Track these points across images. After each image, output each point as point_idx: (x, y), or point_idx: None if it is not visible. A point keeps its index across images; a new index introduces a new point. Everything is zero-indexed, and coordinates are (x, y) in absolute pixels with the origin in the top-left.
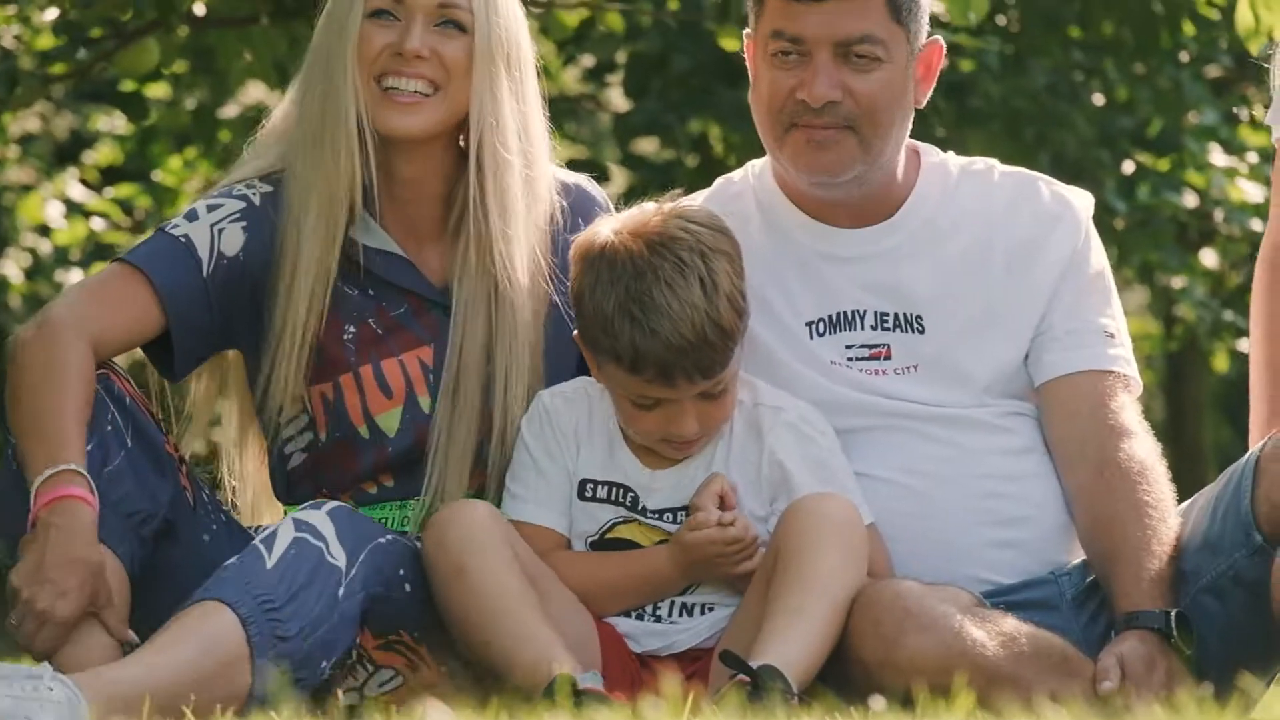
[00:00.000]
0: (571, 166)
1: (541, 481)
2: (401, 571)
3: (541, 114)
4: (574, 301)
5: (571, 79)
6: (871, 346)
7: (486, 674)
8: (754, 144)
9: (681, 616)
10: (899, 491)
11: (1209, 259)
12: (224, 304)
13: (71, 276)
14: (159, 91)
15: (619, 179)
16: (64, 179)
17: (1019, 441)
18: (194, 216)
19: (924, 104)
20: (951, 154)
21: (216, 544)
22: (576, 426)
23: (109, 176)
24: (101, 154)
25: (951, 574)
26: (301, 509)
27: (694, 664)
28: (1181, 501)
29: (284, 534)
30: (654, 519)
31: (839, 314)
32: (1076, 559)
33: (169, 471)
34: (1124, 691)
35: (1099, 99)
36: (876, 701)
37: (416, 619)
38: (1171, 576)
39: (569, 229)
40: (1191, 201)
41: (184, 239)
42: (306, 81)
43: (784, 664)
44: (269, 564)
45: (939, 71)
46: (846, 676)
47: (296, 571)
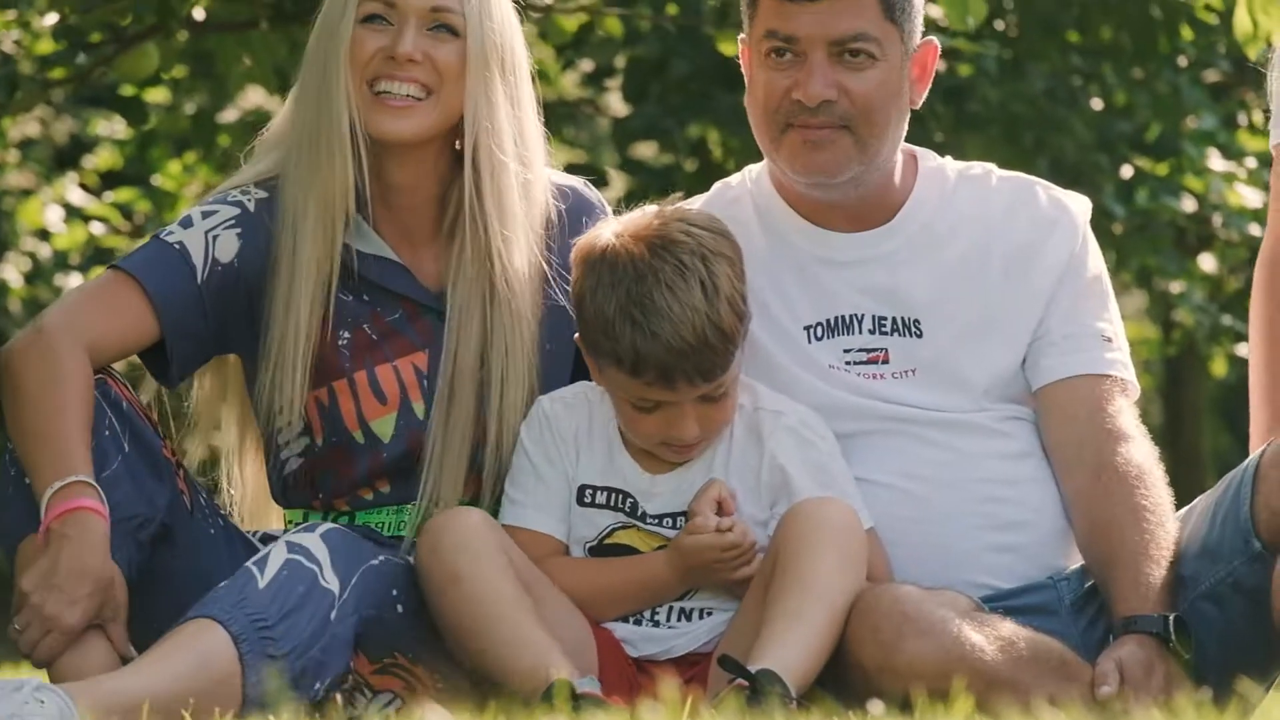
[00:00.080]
0: (570, 171)
1: (540, 487)
2: (394, 592)
3: (536, 117)
4: (575, 304)
5: (570, 83)
6: (869, 350)
7: (483, 682)
8: (752, 148)
9: (680, 621)
10: (898, 496)
11: (1207, 263)
12: (219, 310)
13: (71, 281)
14: (158, 96)
15: (617, 183)
16: (64, 183)
17: (1017, 446)
18: (189, 223)
19: (920, 105)
20: (949, 159)
21: (214, 549)
22: (576, 432)
23: (108, 181)
24: (101, 158)
25: (950, 578)
26: (294, 531)
27: (692, 668)
28: (1179, 506)
29: (276, 556)
30: (653, 524)
31: (837, 318)
32: (1075, 564)
33: (166, 476)
34: (1122, 696)
35: (1097, 103)
36: (875, 706)
37: (410, 639)
38: (1170, 581)
39: (566, 233)
40: (1190, 206)
41: (178, 246)
42: (302, 86)
43: (782, 668)
44: (261, 584)
45: (934, 73)
46: (845, 681)
47: (289, 593)
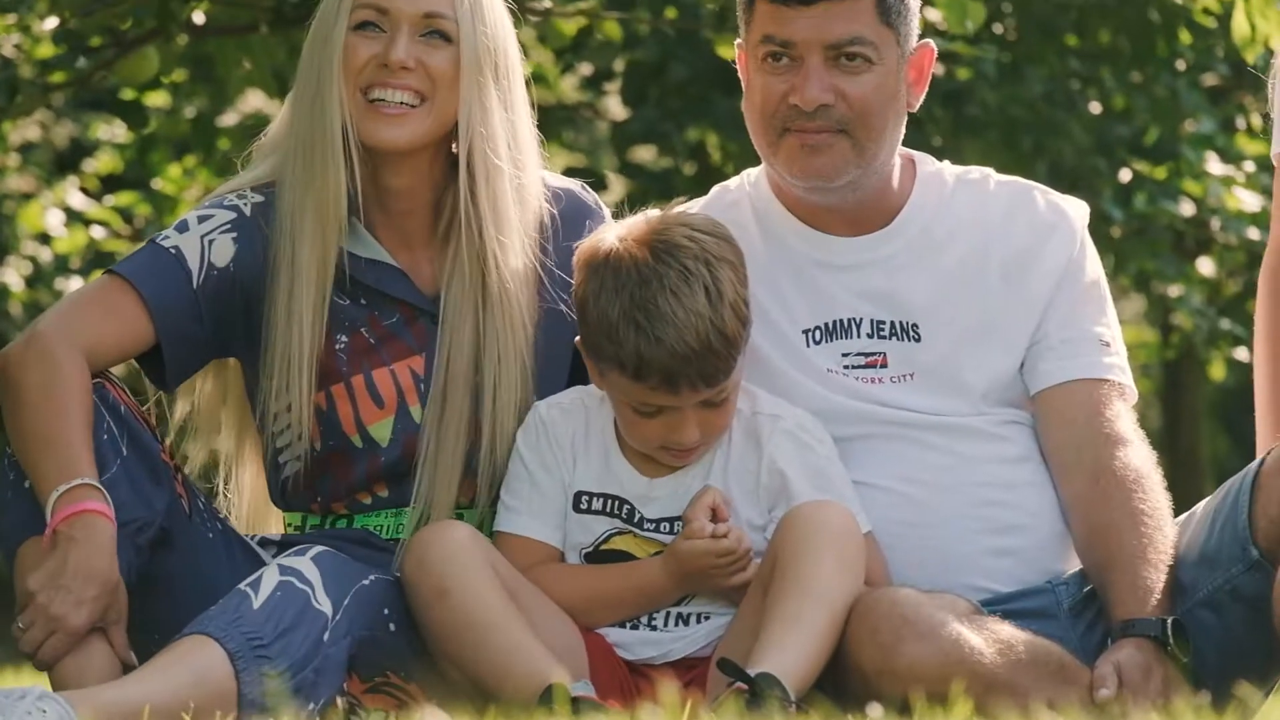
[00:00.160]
0: (569, 174)
1: (535, 494)
2: (385, 611)
3: (530, 121)
4: (577, 308)
5: (569, 87)
6: (867, 354)
7: (476, 694)
8: (751, 152)
9: (677, 625)
10: (896, 500)
11: (1206, 267)
12: (215, 315)
13: (71, 284)
14: (158, 100)
15: (616, 187)
16: (64, 187)
17: (1015, 450)
18: (184, 228)
19: (917, 108)
20: (947, 163)
21: (213, 552)
22: (573, 438)
23: (109, 185)
24: (101, 162)
25: (949, 582)
26: (286, 555)
27: (689, 672)
28: (1177, 510)
29: (269, 577)
30: (650, 530)
31: (835, 322)
32: (1073, 567)
33: (165, 480)
34: (1121, 699)
35: (1096, 107)
36: (874, 709)
37: (402, 658)
38: (1168, 585)
39: (562, 235)
40: (1188, 210)
41: (174, 250)
42: (297, 93)
43: (782, 672)
44: (255, 604)
45: (933, 76)
46: (844, 684)
47: (283, 613)
